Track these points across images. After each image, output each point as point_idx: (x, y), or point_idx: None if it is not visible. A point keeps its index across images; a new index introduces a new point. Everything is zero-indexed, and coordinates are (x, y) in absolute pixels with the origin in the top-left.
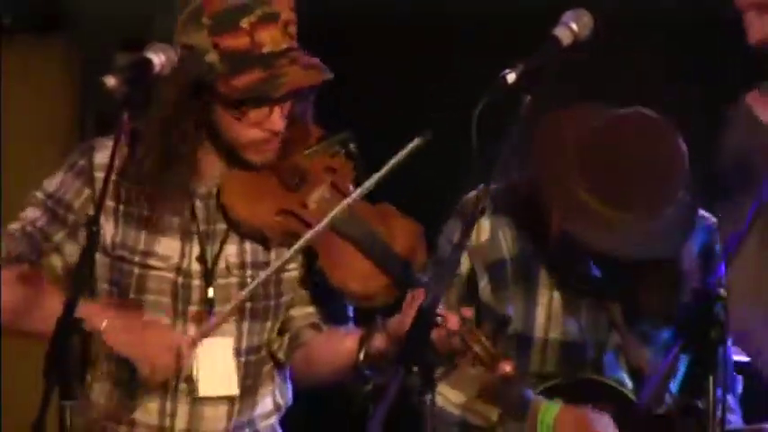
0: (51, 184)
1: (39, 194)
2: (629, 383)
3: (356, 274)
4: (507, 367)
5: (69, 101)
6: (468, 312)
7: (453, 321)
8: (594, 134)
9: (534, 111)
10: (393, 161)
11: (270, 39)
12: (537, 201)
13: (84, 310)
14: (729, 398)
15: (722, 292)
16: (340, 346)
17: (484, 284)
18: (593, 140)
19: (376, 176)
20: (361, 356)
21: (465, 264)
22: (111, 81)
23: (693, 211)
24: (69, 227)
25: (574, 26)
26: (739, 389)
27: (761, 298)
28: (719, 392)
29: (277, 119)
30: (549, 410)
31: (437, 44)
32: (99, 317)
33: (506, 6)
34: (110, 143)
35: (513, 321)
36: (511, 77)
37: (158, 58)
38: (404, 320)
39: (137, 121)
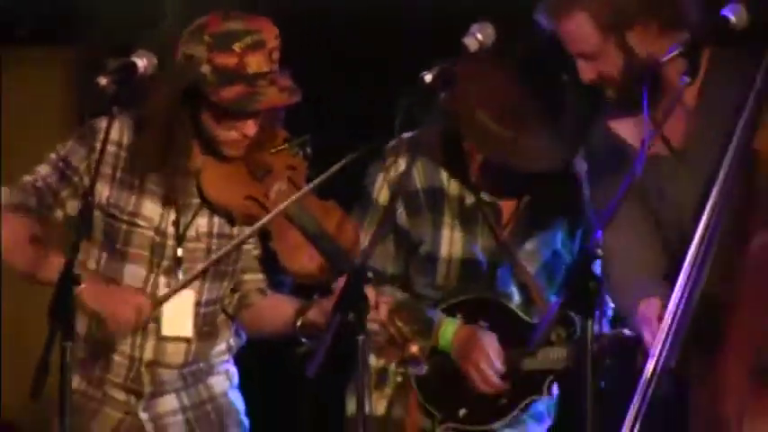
0: (63, 148)
1: (53, 155)
2: (516, 296)
3: (300, 256)
4: (414, 348)
5: (69, 100)
6: (388, 298)
7: (383, 311)
8: (499, 77)
9: None
10: (339, 164)
11: (255, 62)
12: (456, 141)
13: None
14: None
15: (599, 252)
16: (280, 312)
17: (401, 211)
18: (498, 83)
19: (325, 175)
20: (298, 324)
21: (385, 194)
22: (102, 81)
23: (578, 131)
24: (73, 186)
25: (479, 36)
26: (610, 313)
27: (639, 267)
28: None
29: (251, 125)
30: (450, 326)
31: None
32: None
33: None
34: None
35: (424, 243)
36: (428, 78)
37: (142, 62)
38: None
39: (138, 110)
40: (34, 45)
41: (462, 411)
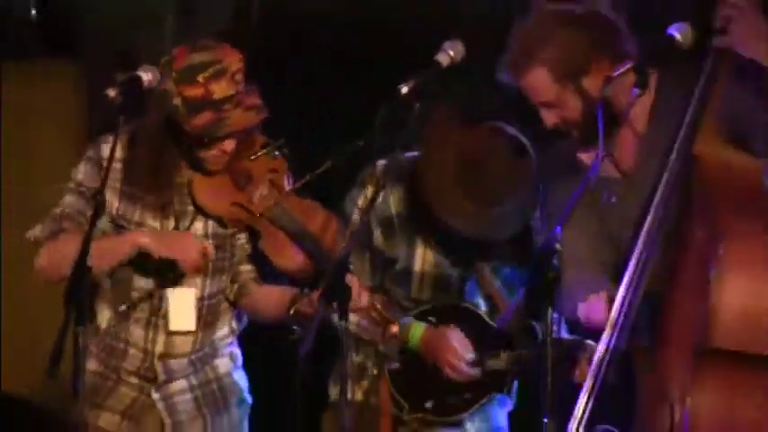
0: (77, 173)
1: (71, 184)
2: (483, 305)
3: (286, 255)
4: (394, 328)
5: (82, 110)
6: (367, 288)
7: (364, 299)
8: (466, 150)
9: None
10: (321, 169)
11: (219, 88)
12: (421, 189)
13: (130, 234)
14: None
15: (558, 246)
16: (273, 300)
17: (377, 234)
18: (465, 156)
19: (303, 180)
20: (291, 313)
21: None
22: (111, 93)
23: (533, 200)
24: (91, 202)
25: (451, 53)
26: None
27: (585, 264)
28: (555, 318)
29: (228, 143)
30: (418, 328)
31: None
32: (141, 235)
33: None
34: (111, 138)
35: (400, 260)
36: (404, 90)
37: (146, 76)
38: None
39: (131, 124)
40: (47, 58)
41: (429, 404)
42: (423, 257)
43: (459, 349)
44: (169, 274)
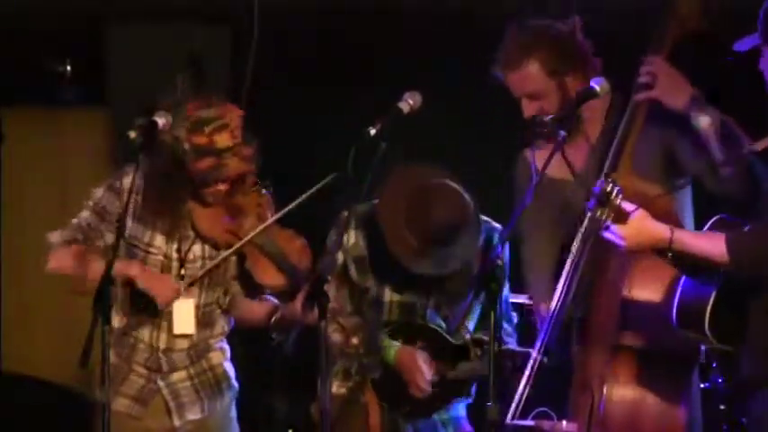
0: (96, 195)
1: (89, 202)
2: (443, 325)
3: (267, 274)
4: (355, 340)
5: (111, 151)
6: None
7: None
8: (415, 196)
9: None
10: (298, 200)
11: (221, 140)
12: (381, 232)
13: (124, 264)
14: (508, 326)
15: (499, 262)
16: (257, 312)
17: (352, 270)
18: (415, 201)
19: (282, 212)
20: (271, 322)
21: (341, 258)
22: (132, 134)
23: (477, 238)
24: (107, 221)
25: (411, 101)
26: (515, 320)
27: (539, 269)
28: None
29: (222, 186)
30: (393, 346)
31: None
32: (133, 267)
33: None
34: (131, 171)
35: (371, 291)
36: (373, 131)
37: (161, 120)
38: (297, 306)
39: (147, 164)
40: (80, 107)
41: (405, 408)
42: (391, 290)
43: (424, 371)
44: (148, 306)
